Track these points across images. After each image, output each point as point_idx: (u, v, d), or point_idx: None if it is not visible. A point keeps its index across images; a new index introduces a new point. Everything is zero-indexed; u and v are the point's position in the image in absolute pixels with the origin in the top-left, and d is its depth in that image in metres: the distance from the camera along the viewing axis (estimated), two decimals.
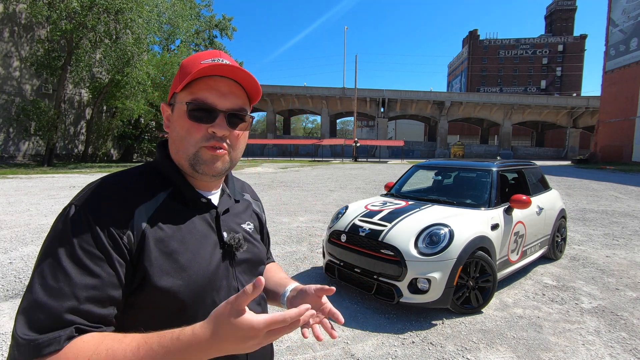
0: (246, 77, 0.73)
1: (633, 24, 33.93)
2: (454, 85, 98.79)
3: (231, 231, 0.81)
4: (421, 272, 3.01)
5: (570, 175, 19.81)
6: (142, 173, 0.77)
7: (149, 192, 0.72)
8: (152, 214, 0.70)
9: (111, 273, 0.63)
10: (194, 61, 0.74)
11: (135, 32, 21.27)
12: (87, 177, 15.34)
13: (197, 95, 0.71)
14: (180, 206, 0.75)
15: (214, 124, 0.72)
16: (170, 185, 0.76)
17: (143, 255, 0.66)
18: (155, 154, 0.82)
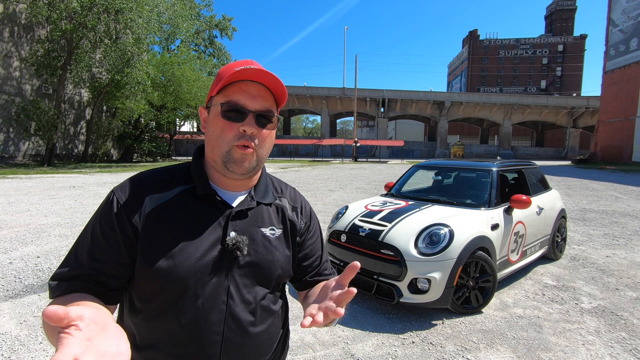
0: (274, 81, 0.80)
1: (633, 24, 33.92)
2: (454, 85, 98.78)
3: (242, 233, 0.82)
4: (421, 272, 3.01)
5: (570, 175, 19.81)
6: (174, 169, 0.87)
7: (167, 186, 0.82)
8: (159, 204, 0.79)
9: (118, 248, 0.76)
10: (228, 68, 0.81)
11: (135, 32, 21.26)
12: (87, 177, 15.33)
13: (230, 98, 0.79)
14: (193, 201, 0.82)
15: (244, 122, 0.79)
16: (191, 182, 0.84)
17: (141, 238, 0.77)
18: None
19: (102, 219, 0.78)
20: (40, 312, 3.12)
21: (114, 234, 0.76)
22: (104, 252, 0.76)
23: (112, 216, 0.77)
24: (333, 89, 50.96)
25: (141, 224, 0.77)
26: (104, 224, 0.77)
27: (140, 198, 0.79)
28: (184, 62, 27.76)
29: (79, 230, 6.00)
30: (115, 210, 0.77)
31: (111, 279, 0.76)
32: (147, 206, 0.79)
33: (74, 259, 0.76)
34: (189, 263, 0.76)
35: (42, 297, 3.42)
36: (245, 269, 0.82)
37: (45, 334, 0.75)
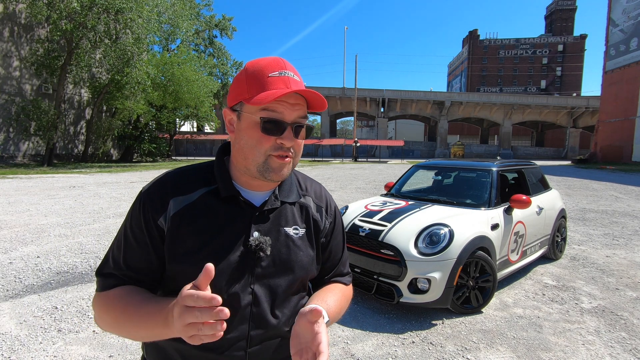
0: (312, 94, 0.78)
1: (633, 24, 33.91)
2: (454, 85, 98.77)
3: (265, 233, 0.82)
4: (421, 272, 3.01)
5: (570, 175, 19.81)
6: (197, 170, 0.87)
7: (191, 187, 0.83)
8: (183, 206, 0.80)
9: (147, 250, 0.79)
10: (262, 72, 0.76)
11: (135, 32, 21.25)
12: (87, 177, 15.33)
13: (269, 110, 0.76)
14: (217, 202, 0.82)
15: (282, 136, 0.77)
16: (216, 182, 0.84)
17: (167, 240, 0.79)
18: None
19: (132, 220, 0.81)
20: (40, 312, 3.13)
21: (142, 236, 0.79)
22: (135, 254, 0.80)
23: (140, 218, 0.80)
24: (333, 89, 50.94)
25: (167, 227, 0.79)
26: (134, 226, 0.80)
27: (164, 200, 0.80)
28: (184, 62, 27.75)
29: (79, 230, 6.00)
30: (142, 212, 0.80)
31: (147, 277, 0.81)
32: (171, 209, 0.80)
33: (112, 258, 0.81)
34: (216, 262, 0.75)
35: (42, 297, 3.42)
36: (269, 269, 0.82)
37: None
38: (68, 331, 2.82)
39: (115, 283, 0.79)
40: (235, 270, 0.79)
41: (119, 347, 2.59)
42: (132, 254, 0.80)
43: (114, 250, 0.82)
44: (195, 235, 0.79)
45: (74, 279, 3.92)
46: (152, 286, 0.82)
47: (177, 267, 0.79)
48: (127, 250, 0.80)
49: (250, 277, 0.80)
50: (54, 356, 2.48)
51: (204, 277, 0.59)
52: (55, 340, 2.69)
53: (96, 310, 0.80)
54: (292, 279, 0.85)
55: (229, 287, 0.78)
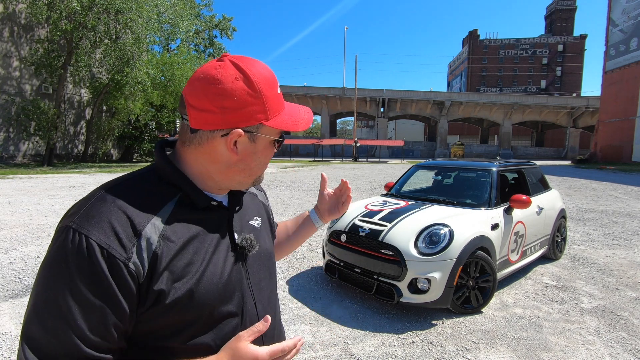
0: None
1: (633, 24, 33.91)
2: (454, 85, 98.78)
3: (242, 231, 0.81)
4: (421, 272, 3.01)
5: (570, 175, 19.81)
6: (143, 182, 0.71)
7: (155, 206, 0.67)
8: (161, 232, 0.65)
9: (116, 306, 0.59)
10: (271, 86, 0.70)
11: (135, 32, 21.25)
12: (87, 177, 15.34)
13: (282, 128, 0.73)
14: (190, 214, 0.72)
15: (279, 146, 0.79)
16: (176, 192, 0.71)
17: (154, 278, 0.62)
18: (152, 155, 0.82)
19: (81, 275, 0.57)
20: None
21: (108, 293, 0.58)
22: (100, 325, 0.58)
23: (98, 268, 0.58)
24: (333, 89, 50.95)
25: (147, 263, 0.62)
26: (88, 283, 0.57)
27: (133, 231, 0.62)
28: (184, 62, 27.74)
29: None
30: (101, 258, 0.58)
31: (117, 350, 0.62)
32: (149, 239, 0.63)
33: (59, 344, 0.56)
34: (217, 282, 0.71)
35: None
36: (255, 264, 0.83)
37: None
38: None
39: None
40: (236, 278, 0.76)
41: None
42: (94, 324, 0.58)
43: (55, 328, 0.56)
44: (189, 259, 0.67)
45: None
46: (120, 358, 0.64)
47: (173, 309, 0.64)
48: (86, 319, 0.57)
49: (246, 278, 0.79)
50: None
51: (263, 326, 0.68)
52: None
53: None
54: (271, 268, 0.89)
55: (233, 296, 0.75)
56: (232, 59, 0.68)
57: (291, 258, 4.78)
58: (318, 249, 5.18)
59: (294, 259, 4.74)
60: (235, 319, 0.74)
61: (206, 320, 0.69)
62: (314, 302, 3.43)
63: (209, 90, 0.65)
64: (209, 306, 0.69)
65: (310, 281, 3.98)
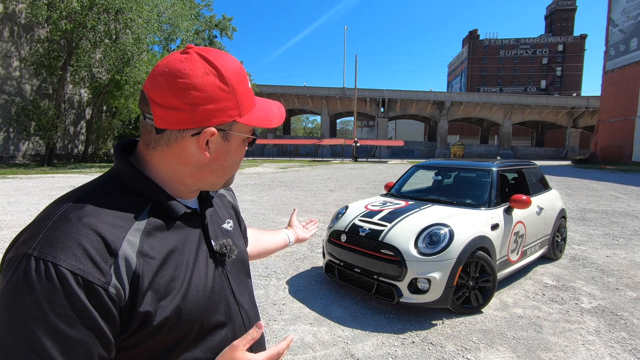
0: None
1: (633, 24, 33.92)
2: (454, 85, 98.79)
3: (218, 237, 0.76)
4: (421, 272, 3.01)
5: (570, 175, 19.81)
6: (108, 194, 0.62)
7: (127, 219, 0.60)
8: (138, 248, 0.59)
9: (99, 336, 0.53)
10: (243, 80, 0.65)
11: (135, 32, 21.25)
12: (87, 177, 15.33)
13: (256, 125, 0.69)
14: (164, 225, 0.65)
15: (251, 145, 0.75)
16: (146, 202, 0.64)
17: (137, 300, 0.57)
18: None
19: (56, 311, 0.49)
20: None
21: (90, 323, 0.52)
22: (84, 357, 0.52)
23: (77, 299, 0.50)
24: (333, 89, 50.96)
25: (128, 285, 0.56)
26: (66, 318, 0.50)
27: (106, 253, 0.55)
28: None
29: None
30: (76, 288, 0.51)
31: None
32: (126, 258, 0.56)
33: None
34: (203, 293, 0.67)
35: None
36: (233, 270, 0.80)
37: None
38: None
39: None
40: (219, 287, 0.73)
41: None
42: (76, 358, 0.51)
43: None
44: (172, 273, 0.62)
45: None
46: None
47: (155, 329, 0.59)
48: (66, 357, 0.50)
49: (228, 284, 0.76)
50: None
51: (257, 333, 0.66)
52: None
53: None
54: (247, 270, 0.87)
55: (219, 306, 0.72)
56: (199, 51, 0.63)
57: (291, 258, 4.78)
58: (318, 249, 5.18)
59: (294, 259, 4.74)
60: (224, 329, 0.72)
61: (196, 334, 0.66)
62: (314, 302, 3.43)
63: (175, 85, 0.59)
64: (198, 320, 0.66)
65: (310, 281, 3.98)
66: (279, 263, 4.57)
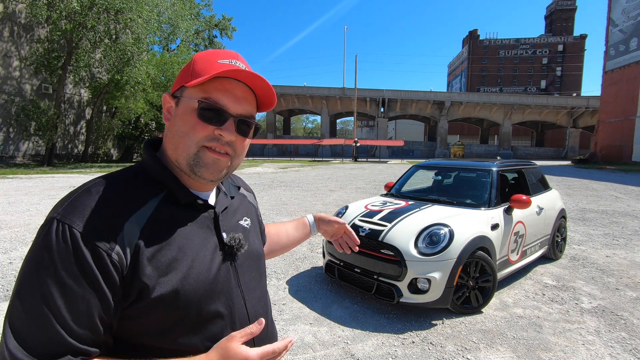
0: (264, 86, 0.72)
1: (633, 24, 33.91)
2: (454, 85, 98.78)
3: (230, 231, 0.79)
4: (421, 272, 3.01)
5: (570, 175, 19.81)
6: (130, 178, 0.71)
7: (139, 200, 0.67)
8: (144, 225, 0.65)
9: (100, 296, 0.59)
10: (209, 58, 0.71)
11: (135, 32, 21.26)
12: (87, 177, 15.33)
13: (210, 95, 0.68)
14: (176, 211, 0.71)
15: (222, 127, 0.70)
16: (162, 189, 0.71)
17: (138, 270, 0.62)
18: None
19: (64, 263, 0.57)
20: None
21: (92, 281, 0.58)
22: (83, 314, 0.57)
23: (81, 256, 0.58)
24: (333, 89, 50.95)
25: (129, 257, 0.62)
26: (72, 271, 0.57)
27: (115, 223, 0.62)
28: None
29: None
30: (83, 246, 0.58)
31: (101, 343, 0.61)
32: (131, 233, 0.63)
33: (42, 332, 0.55)
34: (204, 279, 0.70)
35: None
36: (245, 264, 0.81)
37: None
38: None
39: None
40: (224, 278, 0.74)
41: None
42: (78, 313, 0.57)
43: (40, 315, 0.55)
44: (174, 256, 0.66)
45: None
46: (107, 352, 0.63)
47: (156, 306, 0.63)
48: (70, 308, 0.56)
49: (235, 277, 0.77)
50: None
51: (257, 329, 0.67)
52: None
53: None
54: (261, 269, 0.89)
55: (221, 296, 0.73)
56: None
57: (291, 258, 4.78)
58: (318, 249, 5.18)
59: (294, 259, 4.74)
60: (223, 319, 0.73)
61: (194, 319, 0.68)
62: (314, 302, 3.43)
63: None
64: (195, 304, 0.68)
65: (310, 281, 3.98)
66: (279, 263, 4.57)
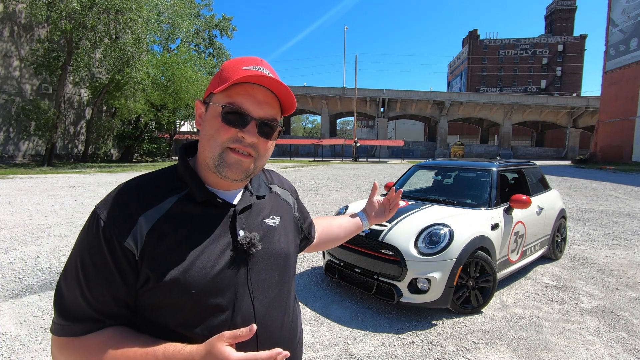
0: (283, 90, 0.76)
1: (633, 24, 33.90)
2: (454, 85, 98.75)
3: (251, 229, 0.80)
4: (421, 272, 3.01)
5: (570, 175, 19.81)
6: (159, 177, 0.80)
7: (158, 197, 0.75)
8: (158, 219, 0.72)
9: (112, 278, 0.69)
10: (235, 65, 0.76)
11: (135, 32, 21.25)
12: (87, 177, 15.33)
13: (233, 99, 0.74)
14: (193, 208, 0.76)
15: (244, 129, 0.74)
16: (184, 187, 0.78)
17: (145, 259, 0.69)
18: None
19: (90, 246, 0.69)
20: (40, 312, 3.12)
21: (106, 265, 0.69)
22: (98, 289, 0.69)
23: (100, 243, 0.68)
24: (333, 89, 50.95)
25: (139, 247, 0.69)
26: (93, 252, 0.69)
27: (131, 217, 0.70)
28: (184, 62, 27.76)
29: (78, 231, 5.99)
30: (103, 235, 0.68)
31: (113, 317, 0.71)
32: (143, 226, 0.70)
33: (73, 298, 0.69)
34: (205, 275, 0.72)
35: (42, 297, 3.42)
36: (264, 262, 0.81)
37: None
38: None
39: (93, 327, 0.69)
40: (230, 274, 0.75)
41: None
42: (94, 289, 0.68)
43: (70, 285, 0.69)
44: (180, 249, 0.72)
45: None
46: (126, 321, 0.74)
47: (165, 288, 0.69)
48: (88, 284, 0.68)
49: (246, 276, 0.78)
50: None
51: (245, 333, 0.66)
52: None
53: (70, 358, 0.69)
54: (284, 269, 0.87)
55: (226, 294, 0.75)
56: None
57: None
58: None
59: None
60: (224, 314, 0.74)
61: (194, 309, 0.72)
62: (314, 302, 3.43)
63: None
64: (194, 295, 0.71)
65: (310, 281, 3.98)
66: None
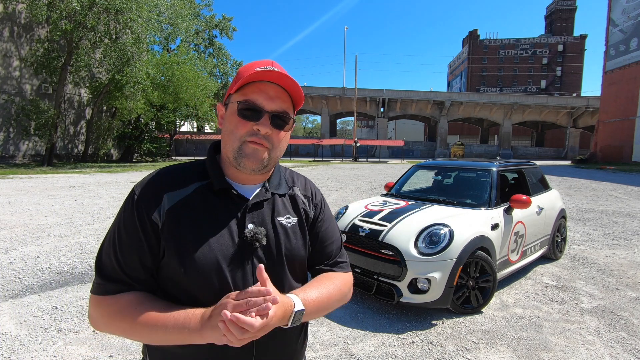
0: (292, 84, 0.83)
1: (633, 24, 33.90)
2: (454, 85, 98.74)
3: (260, 224, 0.85)
4: (421, 272, 3.01)
5: (570, 175, 19.81)
6: (190, 166, 0.90)
7: (185, 182, 0.85)
8: (178, 200, 0.82)
9: (140, 245, 0.79)
10: (249, 68, 0.84)
11: (135, 32, 21.25)
12: (87, 177, 15.33)
13: (248, 97, 0.82)
14: (211, 196, 0.85)
15: (259, 122, 0.81)
16: (208, 177, 0.87)
17: (164, 234, 0.80)
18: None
19: (124, 217, 0.81)
20: (40, 312, 3.12)
21: (136, 234, 0.79)
22: (129, 254, 0.79)
23: (133, 215, 0.80)
24: (333, 89, 50.94)
25: (162, 221, 0.80)
26: (127, 224, 0.80)
27: (158, 195, 0.82)
28: (184, 62, 27.76)
29: (79, 230, 5.99)
30: (135, 208, 0.80)
31: (140, 280, 0.81)
32: (166, 203, 0.81)
33: (110, 259, 0.80)
34: (211, 257, 0.79)
35: (42, 297, 3.42)
36: (267, 258, 0.84)
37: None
38: (68, 331, 2.82)
39: (122, 288, 0.79)
40: (234, 262, 0.81)
41: (118, 347, 2.60)
42: (126, 254, 0.79)
43: (108, 250, 0.81)
44: (193, 228, 0.80)
45: (74, 279, 3.92)
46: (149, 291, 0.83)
47: (173, 262, 0.79)
48: (122, 249, 0.79)
49: (250, 268, 0.82)
50: (54, 356, 2.48)
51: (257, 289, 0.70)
52: (55, 340, 2.69)
53: (102, 314, 0.78)
54: (290, 267, 0.89)
55: (228, 280, 0.80)
56: None
57: None
58: None
59: None
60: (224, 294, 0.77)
61: (202, 288, 0.79)
62: None
63: None
64: (200, 274, 0.79)
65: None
66: None
